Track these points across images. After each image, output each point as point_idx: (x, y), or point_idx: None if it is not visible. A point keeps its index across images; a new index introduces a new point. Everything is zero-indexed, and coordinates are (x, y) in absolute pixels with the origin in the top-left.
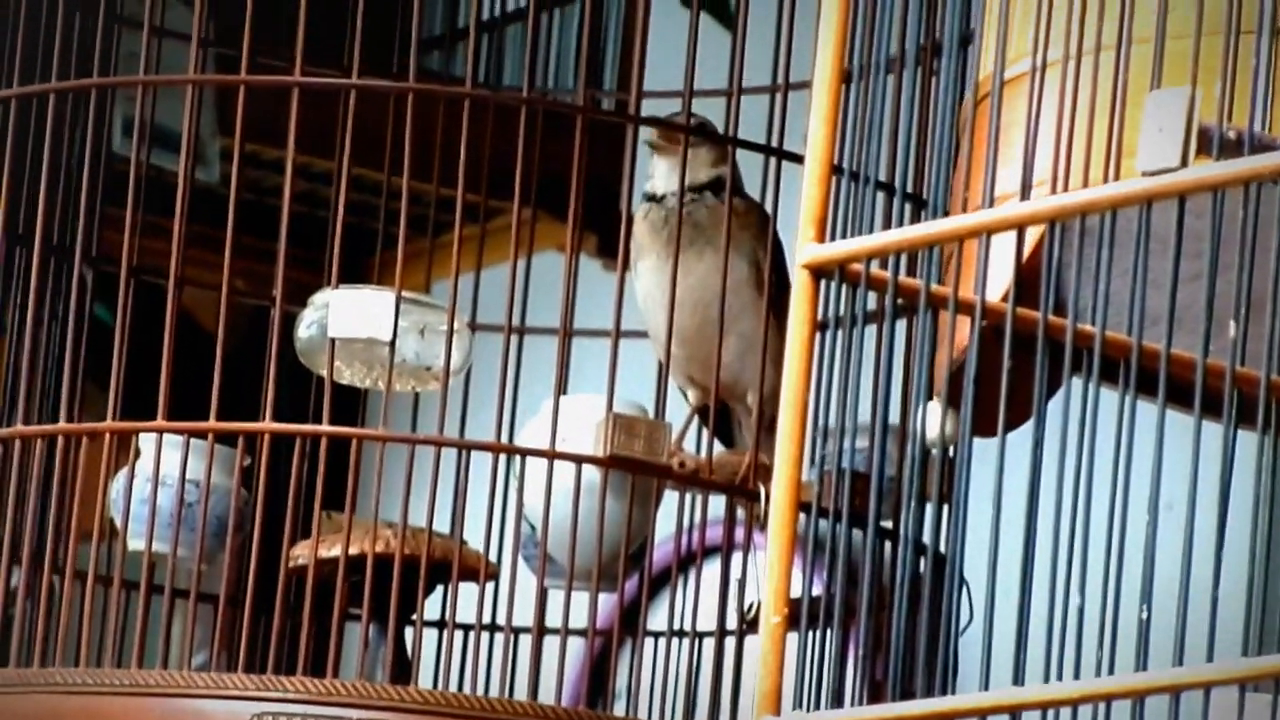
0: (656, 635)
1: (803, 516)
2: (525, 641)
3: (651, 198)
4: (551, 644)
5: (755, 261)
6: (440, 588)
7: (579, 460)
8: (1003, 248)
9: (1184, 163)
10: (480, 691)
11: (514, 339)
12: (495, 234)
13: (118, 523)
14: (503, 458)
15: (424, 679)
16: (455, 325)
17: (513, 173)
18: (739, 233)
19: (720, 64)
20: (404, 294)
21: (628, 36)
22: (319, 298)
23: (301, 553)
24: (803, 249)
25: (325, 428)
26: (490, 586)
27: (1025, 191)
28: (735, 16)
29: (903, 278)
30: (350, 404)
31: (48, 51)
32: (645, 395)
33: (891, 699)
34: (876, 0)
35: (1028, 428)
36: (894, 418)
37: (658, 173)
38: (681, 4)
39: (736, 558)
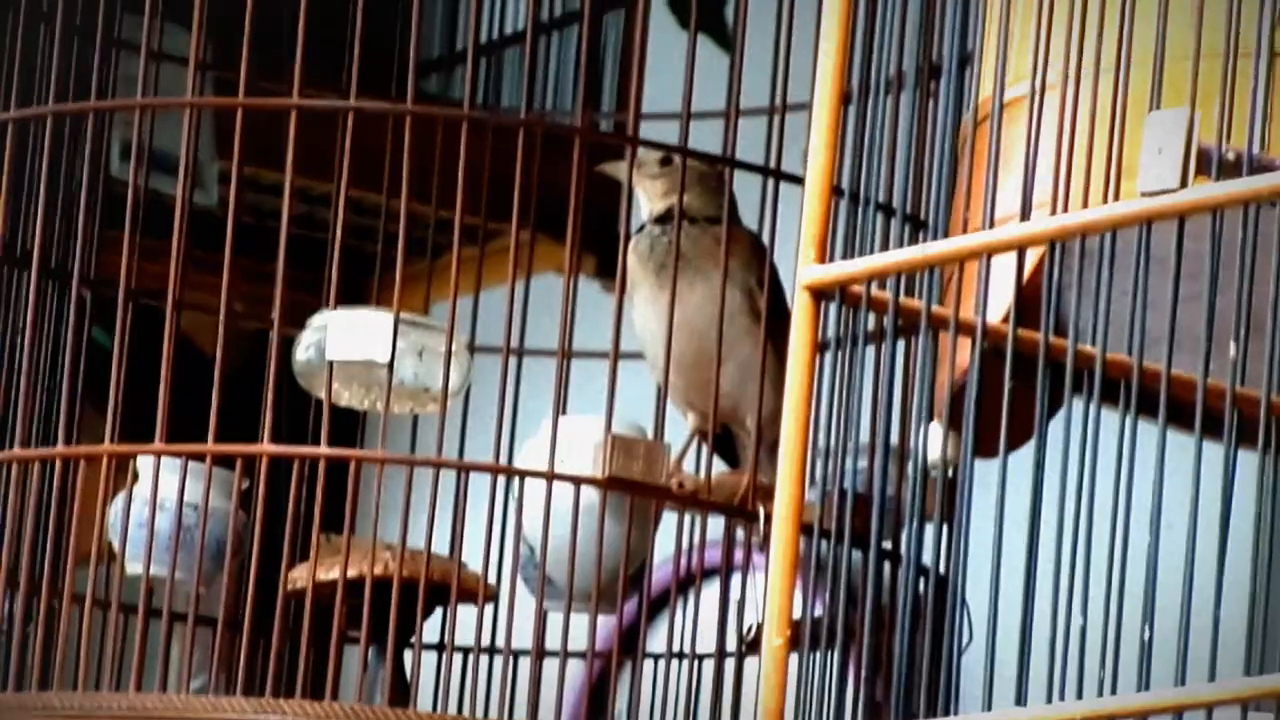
0: (656, 657)
1: (804, 537)
2: (524, 664)
3: (640, 228)
4: (551, 666)
5: (748, 289)
6: (439, 610)
7: (577, 481)
8: (1003, 269)
9: (1183, 183)
10: (480, 714)
11: (513, 360)
12: (494, 255)
13: (116, 546)
14: (501, 479)
15: (423, 702)
16: (454, 346)
17: (511, 194)
18: (728, 260)
19: (718, 85)
20: (402, 315)
21: (625, 58)
22: (317, 319)
23: (300, 575)
24: (803, 270)
25: (324, 449)
26: (489, 608)
27: (1025, 212)
28: (733, 38)
29: (903, 299)
30: (349, 426)
31: (45, 75)
32: (644, 416)
33: None
34: (875, 21)
35: (1029, 448)
36: (895, 438)
37: (637, 201)
38: (679, 25)
39: (736, 579)
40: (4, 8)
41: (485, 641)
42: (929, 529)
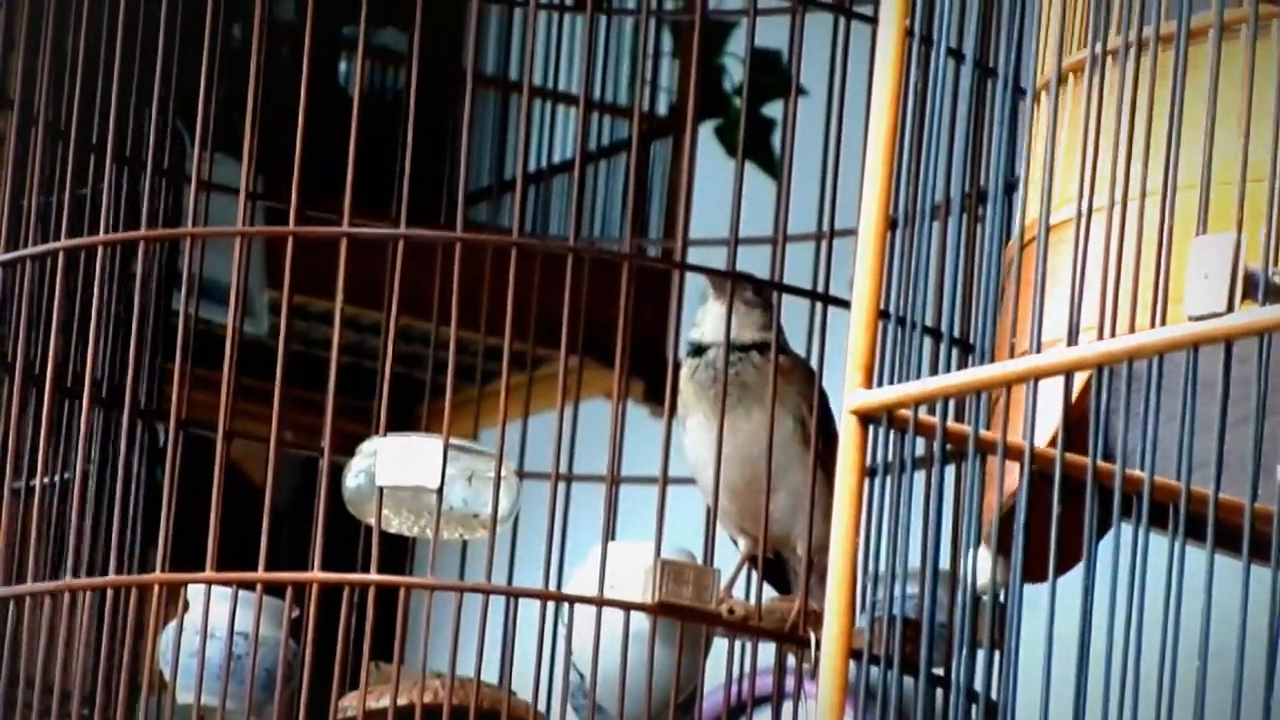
0: None
1: (854, 664)
2: None
3: (698, 350)
4: None
5: (801, 418)
6: None
7: (627, 607)
8: (1051, 393)
9: (1230, 307)
10: None
11: (561, 486)
12: (542, 381)
13: (167, 675)
14: (551, 605)
15: None
16: (503, 472)
17: (559, 320)
18: (785, 389)
19: (765, 211)
20: (451, 441)
21: (673, 185)
22: (367, 446)
23: (350, 703)
24: (850, 395)
25: (373, 576)
26: None
27: (1072, 336)
28: (780, 164)
29: (951, 423)
30: (398, 552)
31: (96, 205)
32: (694, 541)
33: None
34: (921, 146)
35: (1077, 573)
36: (944, 564)
37: (707, 321)
38: (726, 153)
39: (787, 706)
40: (56, 137)
41: None
42: (979, 654)
